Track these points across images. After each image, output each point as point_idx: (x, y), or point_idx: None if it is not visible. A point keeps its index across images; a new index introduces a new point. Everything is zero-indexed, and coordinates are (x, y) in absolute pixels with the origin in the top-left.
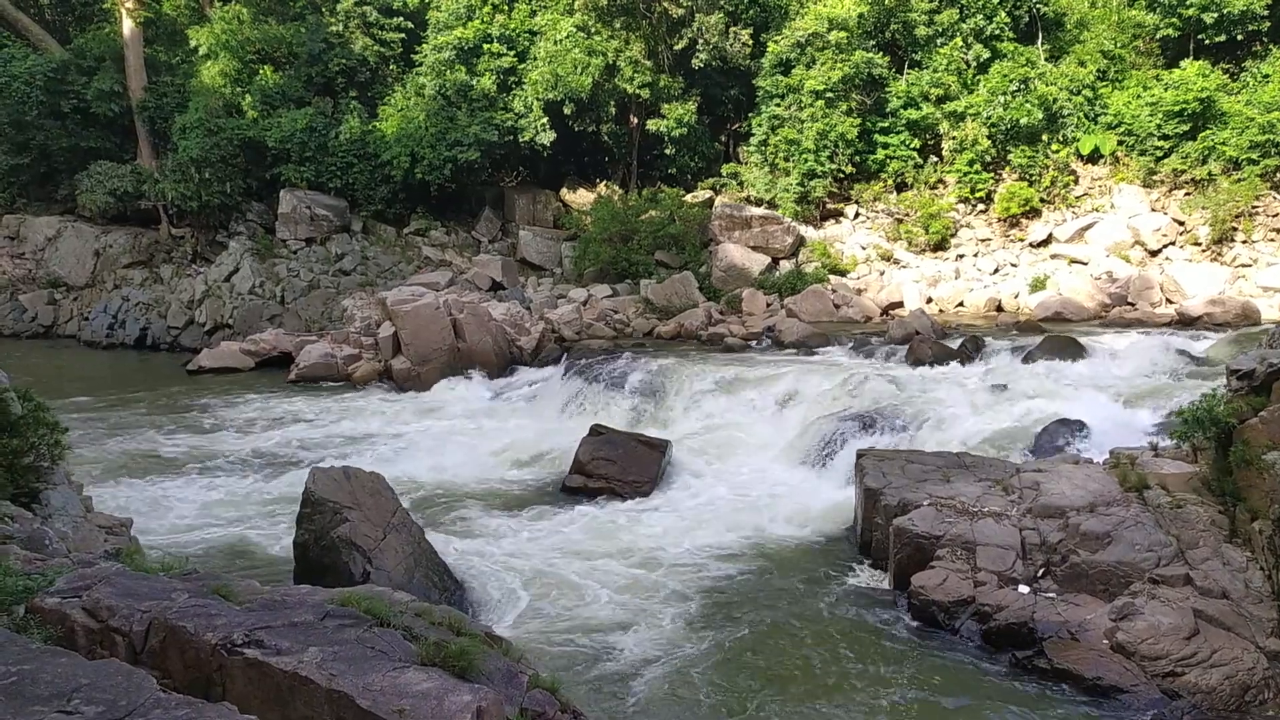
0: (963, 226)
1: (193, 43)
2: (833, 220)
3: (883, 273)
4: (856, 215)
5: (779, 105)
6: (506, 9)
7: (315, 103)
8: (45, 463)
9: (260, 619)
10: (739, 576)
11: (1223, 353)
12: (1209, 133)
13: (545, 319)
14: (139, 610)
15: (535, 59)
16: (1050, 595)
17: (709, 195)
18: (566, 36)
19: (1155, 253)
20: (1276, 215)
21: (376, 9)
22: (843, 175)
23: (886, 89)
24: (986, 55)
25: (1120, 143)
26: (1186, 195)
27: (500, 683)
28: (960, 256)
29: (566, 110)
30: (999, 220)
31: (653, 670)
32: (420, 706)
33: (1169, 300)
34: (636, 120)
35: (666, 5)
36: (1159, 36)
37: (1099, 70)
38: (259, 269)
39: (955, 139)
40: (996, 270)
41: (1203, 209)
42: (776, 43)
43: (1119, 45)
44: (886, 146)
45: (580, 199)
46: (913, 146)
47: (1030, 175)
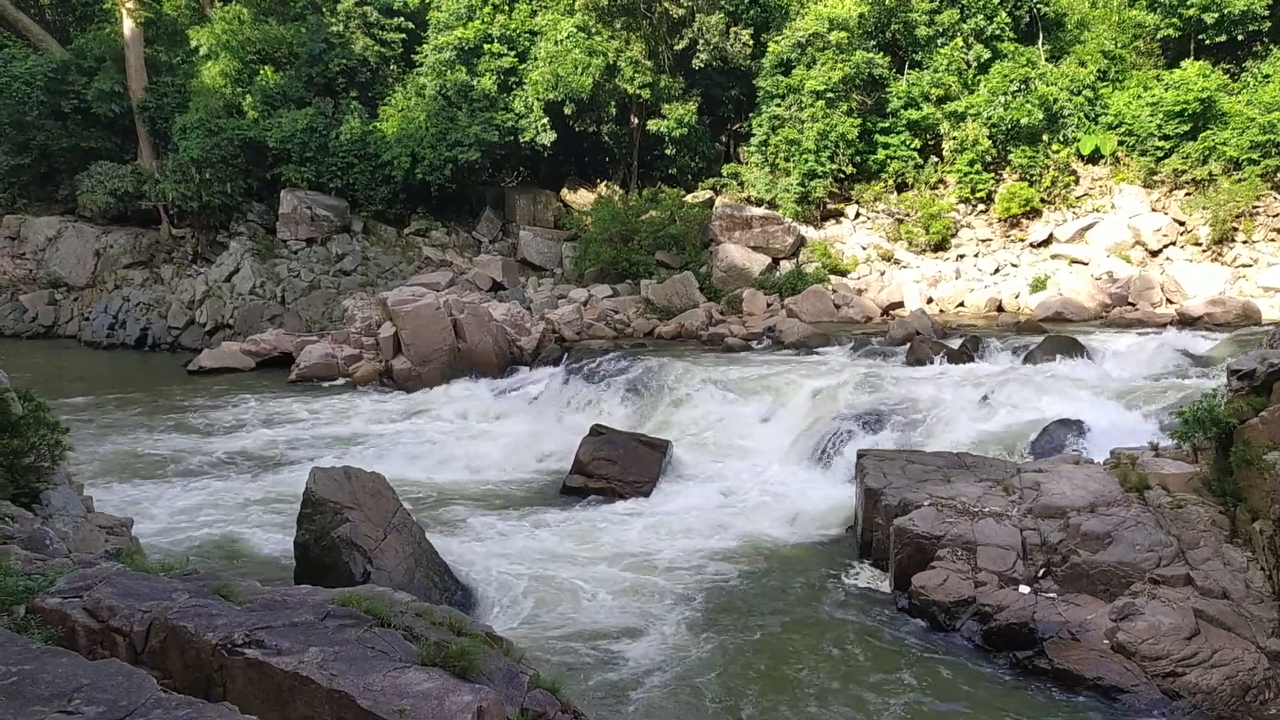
0: (963, 227)
1: (193, 43)
2: (833, 220)
3: (883, 273)
4: (857, 215)
5: (779, 105)
6: (507, 9)
7: (316, 103)
8: (46, 463)
9: (261, 619)
10: (740, 577)
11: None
12: (1209, 133)
13: (546, 319)
14: (140, 610)
15: (536, 59)
16: (1051, 595)
17: (709, 195)
18: (567, 37)
19: (1156, 253)
20: (1277, 215)
21: (377, 9)
22: (843, 175)
23: (887, 89)
24: (987, 55)
25: (1121, 143)
26: (1187, 195)
27: (501, 683)
28: (961, 257)
29: (567, 110)
30: (999, 220)
31: (654, 671)
32: (421, 706)
33: (1169, 300)
34: (637, 120)
35: (667, 5)
36: (1159, 37)
37: (1099, 70)
38: (259, 269)
39: (956, 139)
40: (997, 270)
41: (1203, 209)
42: (777, 43)
43: (1119, 45)
44: (887, 147)
45: (581, 199)
46: (913, 147)
47: (1031, 175)
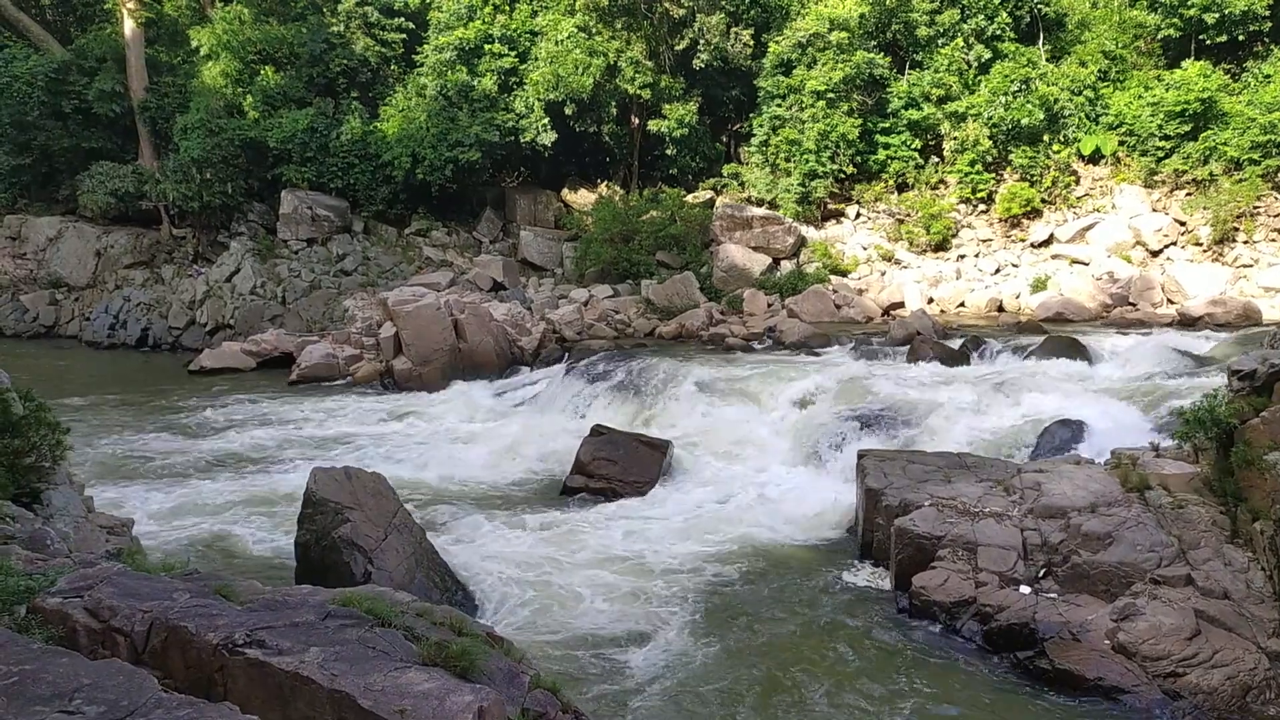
0: (964, 227)
1: (194, 43)
2: (834, 221)
3: (884, 273)
4: (858, 216)
5: (780, 106)
6: (508, 9)
7: (316, 103)
8: (47, 463)
9: (261, 619)
10: (740, 577)
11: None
12: (1210, 133)
13: (546, 319)
14: (140, 610)
15: (536, 59)
16: (1051, 596)
17: (710, 196)
18: (568, 37)
19: (1156, 253)
20: (1278, 215)
21: (378, 9)
22: (844, 176)
23: (888, 89)
24: (988, 55)
25: (1121, 143)
26: (1188, 195)
27: (502, 683)
28: (961, 257)
29: (568, 111)
30: (1000, 220)
31: (654, 672)
32: (421, 706)
33: (1170, 301)
34: (638, 121)
35: (668, 6)
36: (1160, 37)
37: (1100, 70)
38: (260, 269)
39: (956, 139)
40: (998, 270)
41: (1204, 209)
42: (777, 43)
43: (1120, 45)
44: (888, 147)
45: (581, 199)
46: (914, 147)
47: (1031, 176)
